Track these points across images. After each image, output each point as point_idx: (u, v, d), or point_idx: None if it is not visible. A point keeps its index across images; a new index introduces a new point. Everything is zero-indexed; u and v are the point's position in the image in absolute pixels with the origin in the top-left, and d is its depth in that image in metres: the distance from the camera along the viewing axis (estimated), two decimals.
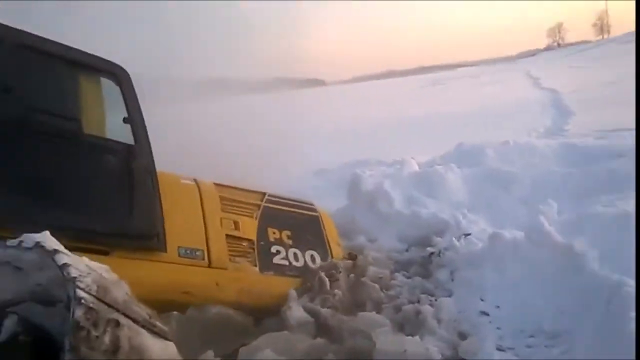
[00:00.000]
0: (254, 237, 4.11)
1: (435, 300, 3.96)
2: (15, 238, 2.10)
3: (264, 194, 4.50)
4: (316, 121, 11.67)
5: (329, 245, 4.55)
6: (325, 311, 3.75)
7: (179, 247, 3.61)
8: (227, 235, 3.96)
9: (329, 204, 6.44)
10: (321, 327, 3.67)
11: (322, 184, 8.79)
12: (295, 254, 4.27)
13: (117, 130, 3.73)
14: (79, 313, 1.71)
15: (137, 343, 1.89)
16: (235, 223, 4.08)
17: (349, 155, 10.08)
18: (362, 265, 4.51)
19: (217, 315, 3.57)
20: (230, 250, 3.90)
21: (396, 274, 4.61)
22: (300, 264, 4.24)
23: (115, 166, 3.54)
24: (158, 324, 2.16)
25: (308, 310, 3.77)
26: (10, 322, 1.90)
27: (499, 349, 3.29)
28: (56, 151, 3.30)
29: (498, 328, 3.53)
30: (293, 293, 3.92)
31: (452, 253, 4.67)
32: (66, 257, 1.93)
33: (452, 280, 4.33)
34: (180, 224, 3.72)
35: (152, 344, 1.97)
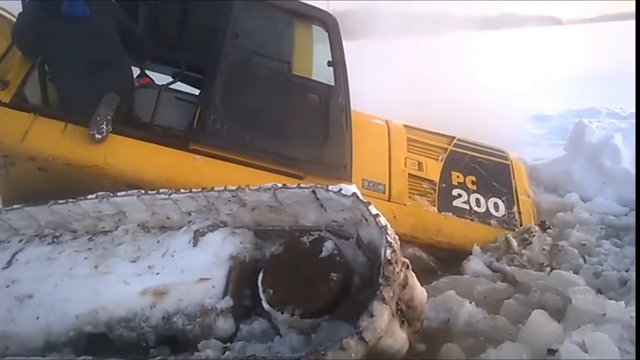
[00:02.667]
0: (436, 178, 4.30)
1: None
2: None
3: (453, 138, 4.61)
4: (543, 62, 10.73)
5: (517, 196, 4.47)
6: (511, 268, 3.69)
7: (363, 179, 4.04)
8: (410, 175, 4.24)
9: (542, 153, 6.17)
10: (507, 282, 3.64)
11: (538, 131, 8.32)
12: (477, 200, 4.33)
13: (321, 71, 4.24)
14: (388, 252, 2.12)
15: (412, 283, 2.28)
16: (419, 164, 4.32)
17: (575, 102, 9.21)
18: (555, 235, 4.30)
19: (411, 254, 3.90)
20: (410, 189, 4.18)
21: (604, 240, 4.25)
22: (481, 209, 4.30)
23: (316, 104, 4.07)
24: None
25: (490, 266, 3.82)
26: (330, 244, 2.44)
27: None
28: (269, 89, 3.96)
29: None
30: (477, 249, 4.01)
31: None
32: (376, 209, 2.42)
33: None
34: (366, 159, 4.12)
35: (416, 284, 2.32)
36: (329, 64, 4.16)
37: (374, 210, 2.36)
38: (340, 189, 2.52)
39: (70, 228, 3.19)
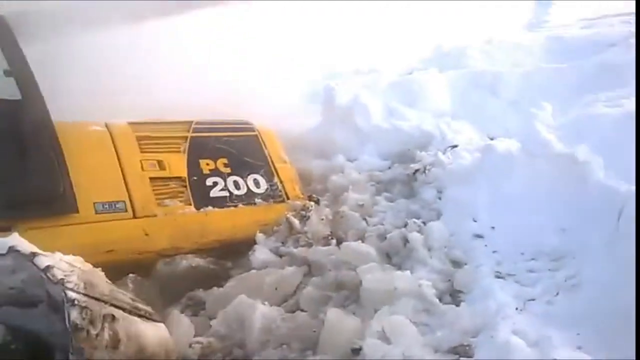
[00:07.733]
0: (184, 173, 3.77)
1: (424, 224, 3.51)
2: None
3: (190, 122, 4.06)
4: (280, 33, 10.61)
5: (273, 165, 4.22)
6: (299, 250, 3.48)
7: (95, 202, 3.28)
8: (152, 178, 3.60)
9: (303, 122, 5.98)
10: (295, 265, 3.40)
11: (290, 101, 8.23)
12: (235, 182, 3.95)
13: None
14: (74, 314, 1.73)
15: (133, 332, 1.92)
16: (160, 162, 3.70)
17: (323, 68, 9.31)
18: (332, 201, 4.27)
19: (186, 267, 3.38)
20: (157, 194, 3.57)
21: (377, 197, 4.25)
22: (242, 191, 3.94)
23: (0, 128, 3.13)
24: (141, 305, 2.13)
25: (277, 252, 3.56)
26: None
27: (498, 276, 2.89)
28: None
29: (494, 252, 3.12)
30: (260, 236, 3.69)
31: (438, 169, 4.21)
32: (46, 258, 1.88)
33: (440, 199, 3.91)
34: (93, 177, 3.36)
35: (145, 328, 2.00)
36: (7, 73, 3.24)
37: (42, 263, 1.83)
38: None
39: None
